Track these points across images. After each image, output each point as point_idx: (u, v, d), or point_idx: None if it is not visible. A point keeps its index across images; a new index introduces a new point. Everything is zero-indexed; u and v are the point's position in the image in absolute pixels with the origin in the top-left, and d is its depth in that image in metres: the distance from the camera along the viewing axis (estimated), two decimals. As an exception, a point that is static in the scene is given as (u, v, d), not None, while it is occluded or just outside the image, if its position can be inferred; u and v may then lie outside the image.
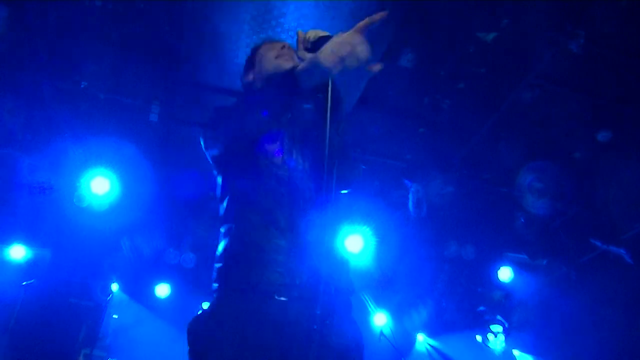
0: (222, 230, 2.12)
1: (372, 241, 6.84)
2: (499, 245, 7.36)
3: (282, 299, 1.92)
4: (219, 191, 2.23)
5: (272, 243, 1.99)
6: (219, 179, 2.23)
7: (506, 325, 8.10)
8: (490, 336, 8.09)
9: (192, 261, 7.52)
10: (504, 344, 8.11)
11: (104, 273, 7.42)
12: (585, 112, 5.01)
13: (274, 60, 2.31)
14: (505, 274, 7.48)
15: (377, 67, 1.89)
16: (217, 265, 2.08)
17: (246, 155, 2.08)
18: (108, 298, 7.42)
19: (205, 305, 6.78)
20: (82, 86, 5.01)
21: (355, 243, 6.70)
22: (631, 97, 4.82)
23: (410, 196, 6.02)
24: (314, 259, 1.90)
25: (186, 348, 1.96)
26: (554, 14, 4.18)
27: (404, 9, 4.21)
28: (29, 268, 7.01)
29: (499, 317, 8.09)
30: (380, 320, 8.11)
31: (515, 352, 8.29)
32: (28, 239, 6.98)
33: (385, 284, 7.70)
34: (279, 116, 2.00)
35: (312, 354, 1.61)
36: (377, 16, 1.84)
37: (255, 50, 2.50)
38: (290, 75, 1.89)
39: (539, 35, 4.35)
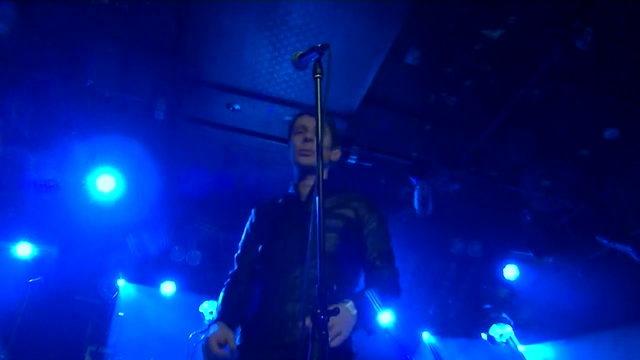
0: None
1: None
2: (505, 242, 7.34)
3: None
4: None
5: None
6: None
7: (512, 323, 8.08)
8: (495, 334, 8.08)
9: (197, 259, 7.53)
10: (509, 342, 8.10)
11: (110, 271, 7.44)
12: (593, 110, 4.98)
13: (297, 155, 2.51)
14: (511, 271, 7.46)
15: None
16: None
17: None
18: (114, 296, 7.45)
19: (206, 304, 6.81)
20: (88, 84, 5.02)
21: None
22: (639, 94, 4.79)
23: (416, 194, 6.00)
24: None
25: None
26: (561, 10, 4.15)
27: (409, 7, 4.19)
28: (35, 265, 7.03)
29: (504, 315, 8.07)
30: (385, 318, 8.10)
31: (521, 349, 8.28)
32: (34, 237, 6.99)
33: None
34: None
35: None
36: None
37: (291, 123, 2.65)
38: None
39: (546, 32, 4.32)
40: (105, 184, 5.85)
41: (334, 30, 4.38)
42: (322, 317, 1.61)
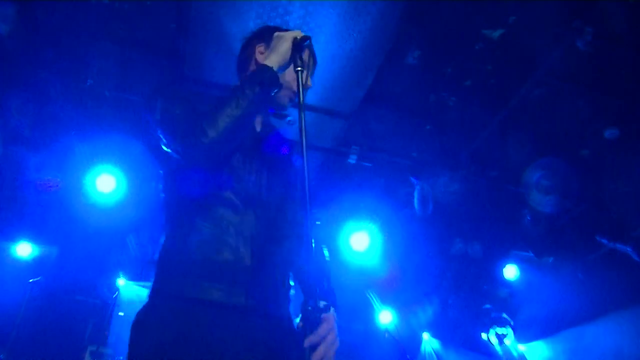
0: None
1: (378, 239, 6.83)
2: (505, 243, 7.34)
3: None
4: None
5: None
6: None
7: (512, 323, 8.07)
8: (495, 334, 8.07)
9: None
10: (509, 342, 8.09)
11: (110, 270, 7.43)
12: (593, 109, 4.98)
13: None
14: (511, 271, 7.46)
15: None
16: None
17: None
18: (114, 295, 7.44)
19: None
20: (88, 84, 5.02)
21: (361, 241, 6.70)
22: (639, 94, 4.79)
23: (416, 194, 6.01)
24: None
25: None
26: (561, 10, 4.15)
27: (409, 7, 4.19)
28: (35, 265, 7.04)
29: (504, 315, 8.07)
30: (385, 318, 8.11)
31: (522, 348, 8.27)
32: (34, 237, 7.00)
33: (391, 282, 7.70)
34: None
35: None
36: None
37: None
38: None
39: (546, 32, 4.32)
40: (106, 183, 5.86)
41: (334, 30, 4.38)
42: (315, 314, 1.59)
